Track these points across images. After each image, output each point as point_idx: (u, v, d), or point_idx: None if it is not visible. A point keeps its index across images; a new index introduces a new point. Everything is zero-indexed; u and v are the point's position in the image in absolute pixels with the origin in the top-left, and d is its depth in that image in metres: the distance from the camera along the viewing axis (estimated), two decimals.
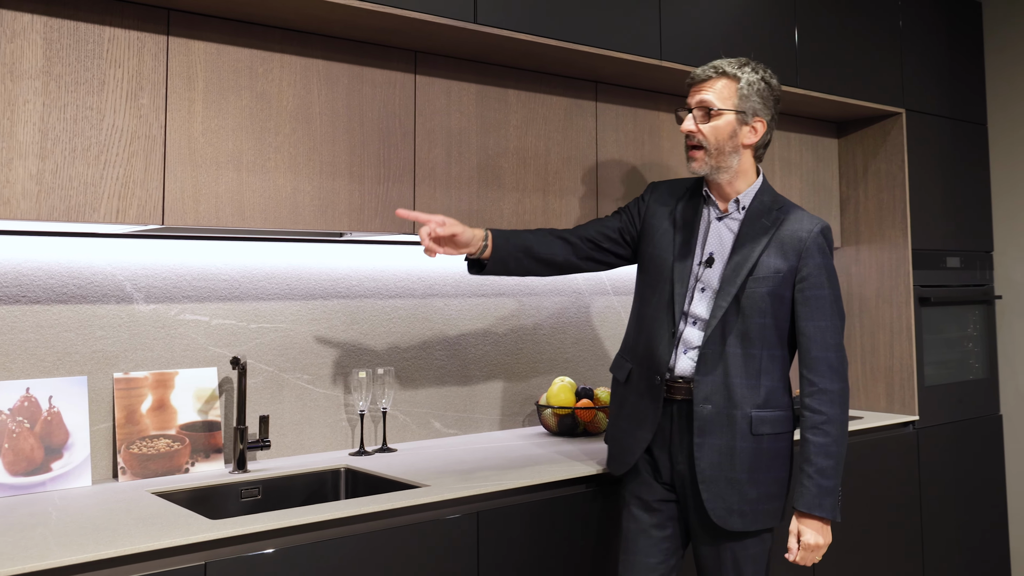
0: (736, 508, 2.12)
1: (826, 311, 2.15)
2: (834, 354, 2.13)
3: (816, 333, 2.14)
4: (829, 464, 2.09)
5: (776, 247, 2.18)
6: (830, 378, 2.12)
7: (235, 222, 2.21)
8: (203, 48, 2.19)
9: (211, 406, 2.47)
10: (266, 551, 1.86)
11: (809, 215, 2.23)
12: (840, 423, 2.11)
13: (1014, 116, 3.97)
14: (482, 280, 3.06)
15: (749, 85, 2.23)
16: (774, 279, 2.16)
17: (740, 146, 2.23)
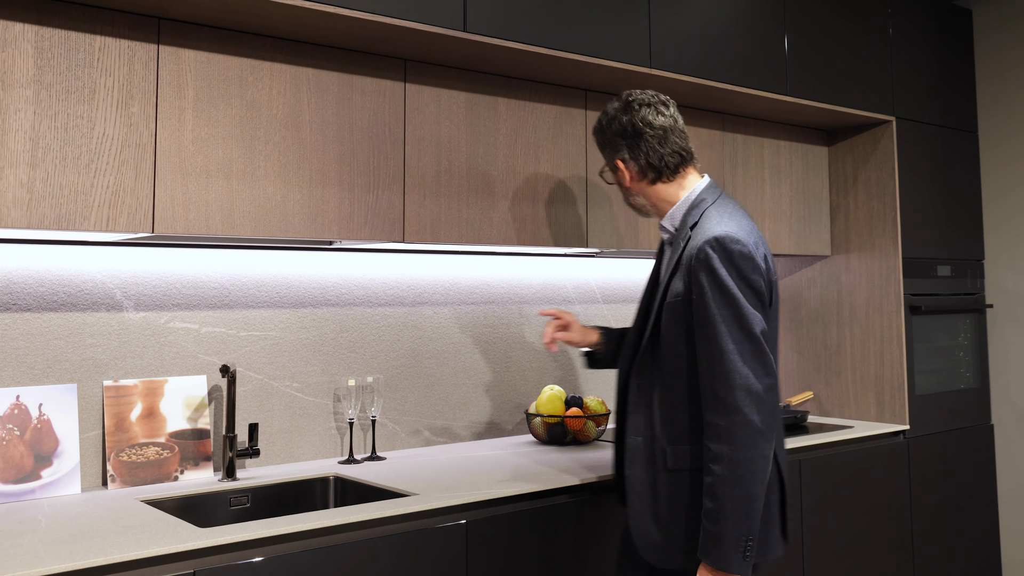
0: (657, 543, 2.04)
1: (712, 334, 1.94)
2: (720, 383, 1.92)
3: (703, 361, 1.97)
4: (711, 507, 1.90)
5: (680, 268, 2.06)
6: (715, 411, 1.92)
7: (225, 230, 2.21)
8: (193, 57, 2.20)
9: (200, 414, 2.47)
10: (255, 559, 1.86)
11: (715, 224, 2.04)
12: (728, 460, 1.88)
13: (1005, 124, 3.99)
14: (471, 289, 3.07)
15: (600, 141, 2.29)
16: (676, 304, 2.05)
17: (629, 188, 2.25)
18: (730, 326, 1.94)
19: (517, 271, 3.20)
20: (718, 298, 1.96)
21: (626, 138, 2.21)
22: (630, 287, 3.53)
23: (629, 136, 2.20)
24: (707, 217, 2.08)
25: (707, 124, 3.28)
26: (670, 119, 2.21)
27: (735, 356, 1.92)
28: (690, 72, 2.93)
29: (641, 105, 2.21)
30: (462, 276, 3.06)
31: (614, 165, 2.25)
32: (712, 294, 1.96)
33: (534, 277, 3.24)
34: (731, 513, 1.88)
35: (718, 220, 2.05)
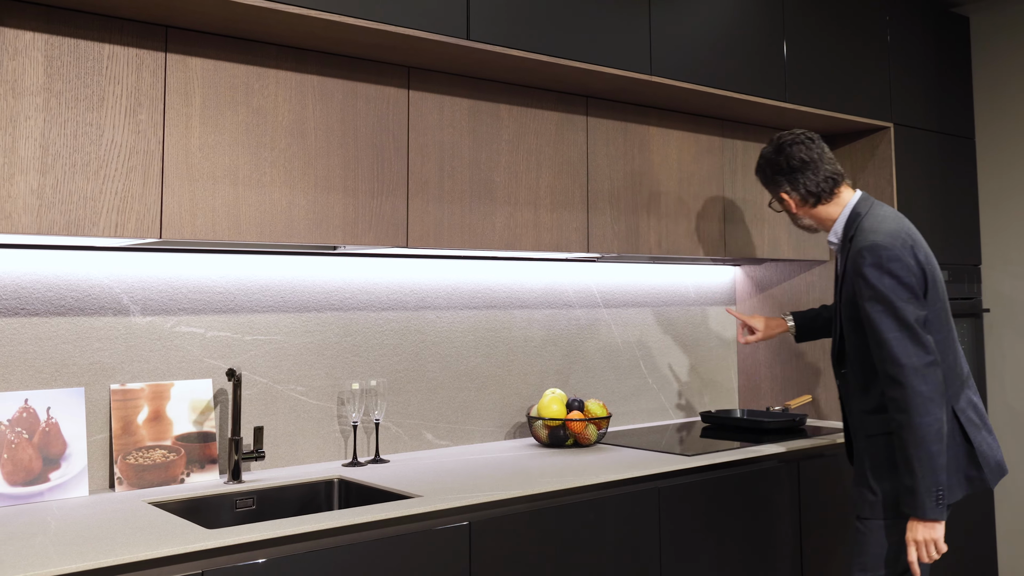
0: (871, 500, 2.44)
1: (874, 328, 2.34)
2: (889, 365, 2.32)
3: (873, 349, 2.37)
4: (904, 466, 2.31)
5: (847, 276, 2.49)
6: (890, 387, 2.32)
7: (231, 236, 2.24)
8: (200, 64, 2.23)
9: (206, 417, 2.50)
10: (261, 560, 1.89)
11: (864, 235, 2.43)
12: (908, 426, 2.28)
13: (1002, 130, 4.02)
14: (474, 293, 3.10)
15: (764, 180, 2.74)
16: (850, 306, 2.49)
17: (796, 213, 2.69)
18: (886, 320, 2.34)
19: (519, 275, 3.23)
20: (872, 299, 2.36)
21: (784, 174, 2.66)
22: (630, 291, 3.56)
23: (786, 173, 2.65)
24: (860, 230, 2.48)
25: (707, 130, 3.31)
26: (817, 151, 2.64)
27: (895, 343, 2.32)
28: (690, 79, 2.96)
29: (791, 144, 2.65)
30: (464, 280, 3.09)
31: (779, 197, 2.70)
32: (867, 296, 2.37)
33: (536, 281, 3.27)
34: (918, 469, 2.27)
35: (869, 231, 2.44)
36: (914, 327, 2.31)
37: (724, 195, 3.35)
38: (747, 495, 2.87)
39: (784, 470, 2.99)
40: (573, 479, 2.44)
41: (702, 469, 2.76)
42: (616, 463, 2.66)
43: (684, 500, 2.68)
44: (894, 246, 2.37)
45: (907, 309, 2.32)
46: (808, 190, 2.62)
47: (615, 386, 3.49)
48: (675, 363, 3.70)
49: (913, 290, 2.35)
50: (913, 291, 2.35)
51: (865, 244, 2.39)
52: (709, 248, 3.29)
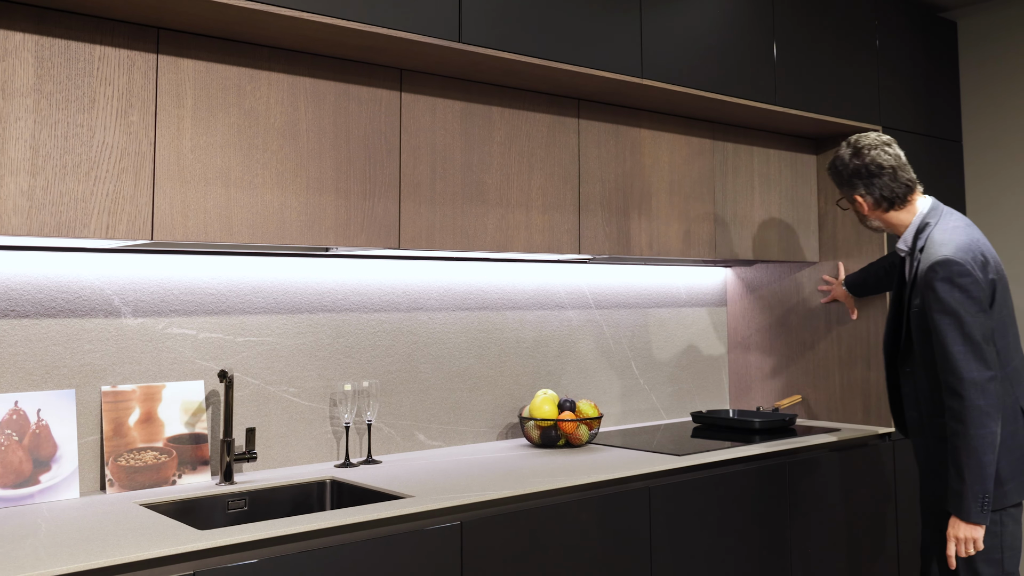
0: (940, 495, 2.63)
1: (941, 340, 2.46)
2: (951, 377, 2.44)
3: (939, 359, 2.49)
4: (954, 471, 2.45)
5: (916, 286, 2.62)
6: (950, 398, 2.46)
7: (223, 237, 2.24)
8: (192, 66, 2.23)
9: (198, 419, 2.50)
10: (253, 561, 1.89)
11: (935, 248, 2.53)
12: (963, 436, 2.41)
13: (988, 133, 4.05)
14: (466, 294, 3.11)
15: (838, 181, 2.79)
16: (918, 314, 2.62)
17: (867, 215, 2.77)
18: (954, 334, 2.45)
19: (511, 277, 3.23)
20: (942, 313, 2.47)
21: (861, 178, 2.72)
22: (621, 292, 3.57)
23: (863, 176, 2.71)
24: (931, 242, 2.58)
25: (698, 133, 3.33)
26: (895, 157, 2.71)
27: (960, 357, 2.43)
28: (681, 82, 2.97)
29: (870, 149, 2.71)
30: (456, 282, 3.09)
31: (852, 199, 2.76)
32: (936, 308, 2.48)
33: (528, 283, 3.28)
34: (968, 477, 2.42)
35: (940, 244, 2.53)
36: (979, 342, 2.43)
37: (715, 197, 3.37)
38: (737, 495, 2.88)
39: (774, 470, 3.00)
40: (564, 479, 2.45)
41: (692, 469, 2.78)
42: (607, 463, 2.67)
43: (675, 500, 2.69)
44: (965, 260, 2.46)
45: (974, 324, 2.43)
46: (883, 195, 2.69)
47: (607, 387, 3.50)
48: (666, 364, 3.71)
49: (981, 304, 2.45)
50: (981, 305, 2.45)
51: (937, 258, 2.48)
52: (700, 250, 3.30)
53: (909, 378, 2.72)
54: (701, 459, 2.79)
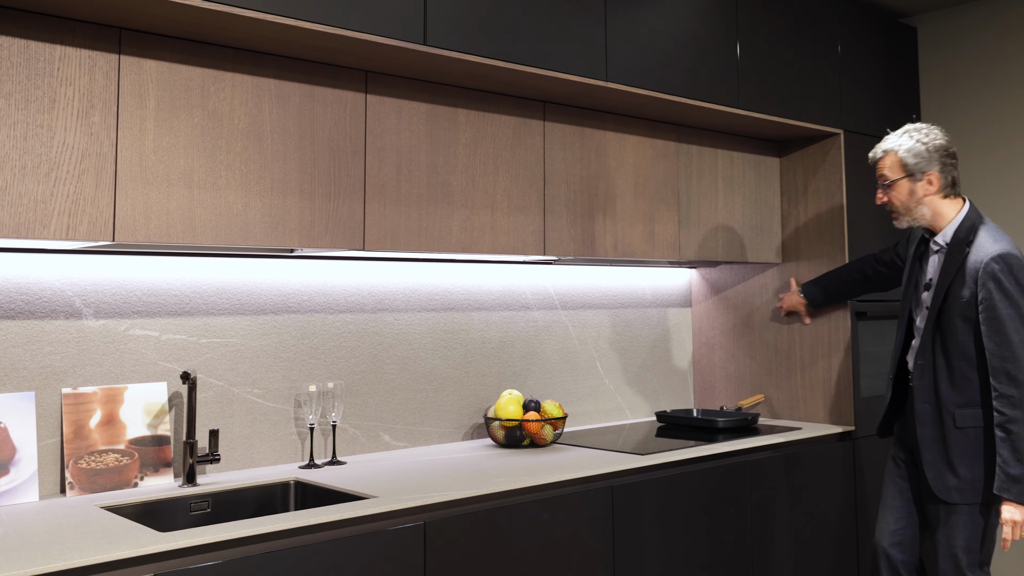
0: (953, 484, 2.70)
1: (1002, 328, 2.61)
2: (1011, 364, 2.59)
3: (993, 347, 2.62)
4: (1012, 456, 2.57)
5: (962, 276, 2.71)
6: (1008, 384, 2.59)
7: (186, 239, 2.24)
8: (155, 67, 2.22)
9: (160, 420, 2.49)
10: (215, 563, 1.89)
11: (989, 243, 2.68)
12: (1021, 422, 2.56)
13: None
14: (431, 295, 3.11)
15: (908, 151, 2.81)
16: (962, 304, 2.70)
17: (923, 198, 2.81)
18: (1016, 323, 2.61)
19: (477, 278, 3.25)
20: (1005, 302, 2.62)
21: (941, 157, 2.80)
22: (587, 293, 3.59)
23: (943, 155, 2.80)
24: (982, 238, 2.71)
25: (662, 135, 3.36)
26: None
27: (1020, 344, 2.59)
28: (645, 85, 3.00)
29: (942, 133, 2.83)
30: (422, 283, 3.10)
31: (927, 177, 2.79)
32: (999, 298, 2.62)
33: (493, 284, 3.29)
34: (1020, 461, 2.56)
35: (994, 239, 2.69)
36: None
37: (679, 199, 3.40)
38: (700, 493, 2.91)
39: (736, 468, 3.04)
40: (528, 479, 2.47)
41: (655, 468, 2.80)
42: (571, 463, 2.69)
43: (637, 499, 2.72)
44: (1021, 256, 2.67)
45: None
46: (952, 178, 2.81)
47: (572, 387, 3.52)
48: (632, 364, 3.74)
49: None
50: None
51: (996, 252, 2.65)
52: (664, 251, 3.33)
53: (923, 370, 2.79)
54: (664, 458, 2.82)
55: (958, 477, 2.70)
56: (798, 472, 3.27)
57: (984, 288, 2.64)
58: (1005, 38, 3.96)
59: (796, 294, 3.59)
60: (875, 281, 3.39)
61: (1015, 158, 3.91)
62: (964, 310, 2.70)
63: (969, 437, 2.70)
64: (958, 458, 2.70)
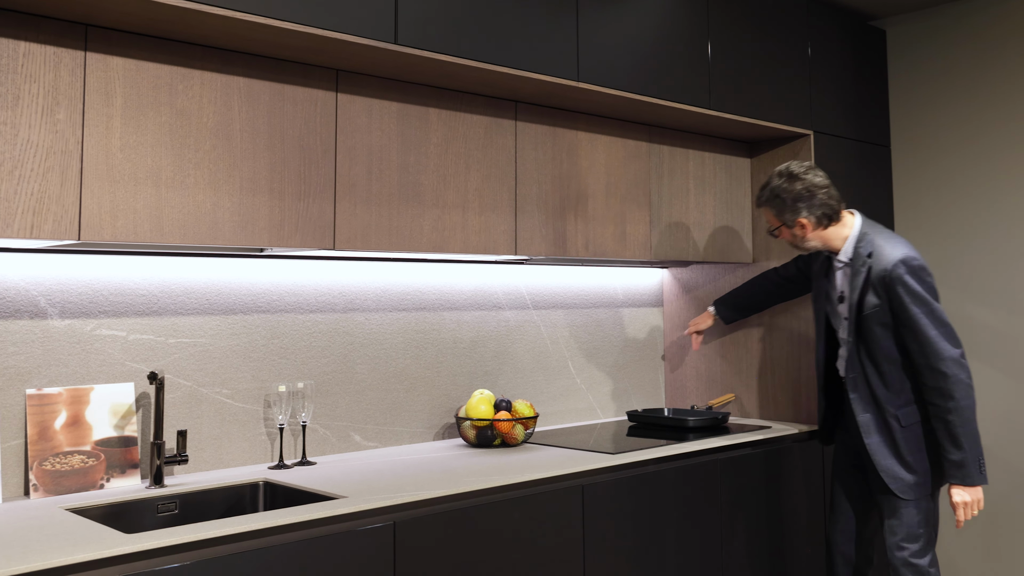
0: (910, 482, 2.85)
1: (918, 328, 2.76)
2: (933, 359, 2.74)
3: (914, 347, 2.79)
4: (952, 444, 2.74)
5: (871, 287, 2.85)
6: (935, 379, 2.75)
7: (154, 238, 2.22)
8: (122, 64, 2.20)
9: (127, 421, 2.47)
10: (183, 564, 1.87)
11: (888, 250, 2.82)
12: (956, 410, 2.72)
13: (915, 138, 4.16)
14: (403, 295, 3.11)
15: (773, 207, 3.00)
16: (876, 312, 2.84)
17: (805, 237, 2.97)
18: (927, 320, 2.76)
19: (448, 278, 3.24)
20: (914, 302, 2.77)
21: (803, 200, 2.94)
22: (559, 293, 3.60)
23: (805, 198, 2.93)
24: (880, 246, 2.86)
25: (634, 136, 3.37)
26: (824, 177, 2.97)
27: (938, 339, 2.75)
28: (617, 86, 3.01)
29: (803, 173, 2.96)
30: (393, 283, 3.09)
31: (797, 224, 2.96)
32: (909, 301, 2.77)
33: (465, 284, 3.29)
34: (966, 444, 2.72)
35: (892, 246, 2.84)
36: (948, 324, 2.77)
37: (651, 199, 3.41)
38: (671, 492, 2.92)
39: (707, 467, 3.06)
40: (498, 478, 2.47)
41: (626, 467, 2.81)
42: (541, 462, 2.69)
43: (608, 498, 2.72)
44: (920, 258, 2.82)
45: (940, 309, 2.79)
46: (823, 212, 2.93)
47: (544, 387, 3.52)
48: (603, 364, 3.75)
49: (937, 294, 2.81)
50: (937, 295, 2.81)
51: (897, 258, 2.80)
52: (636, 251, 3.34)
53: (856, 382, 2.92)
54: (634, 457, 2.83)
55: (914, 473, 2.85)
56: (768, 470, 3.29)
57: (893, 294, 2.80)
58: (972, 40, 4.01)
59: (708, 314, 3.62)
60: (782, 293, 3.50)
61: (982, 159, 3.96)
62: (880, 317, 2.84)
63: (915, 433, 2.86)
64: (911, 455, 2.85)
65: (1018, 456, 3.79)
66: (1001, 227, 3.89)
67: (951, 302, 4.01)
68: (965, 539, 3.94)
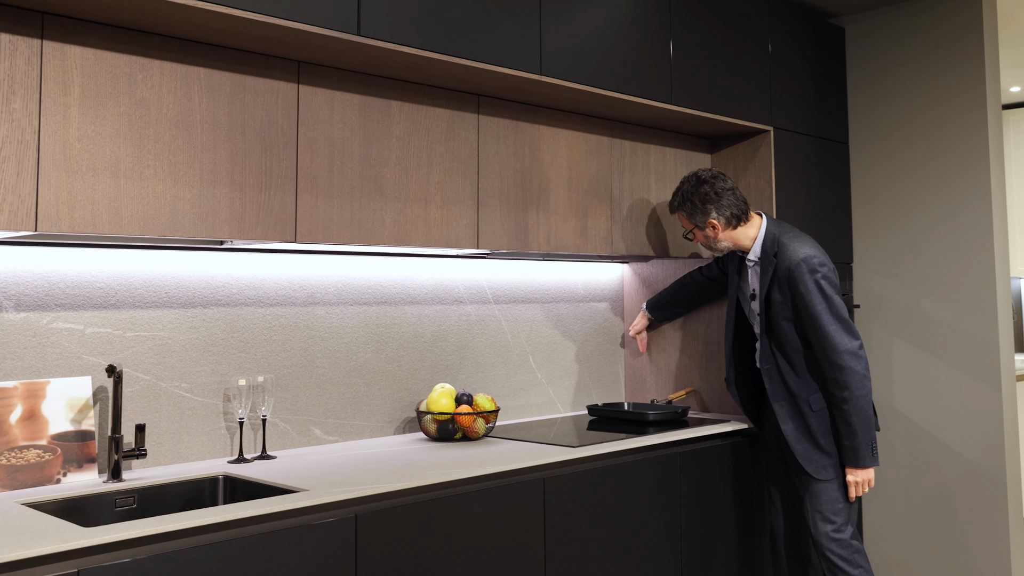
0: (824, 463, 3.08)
1: (816, 323, 2.98)
2: (830, 352, 2.96)
3: (814, 340, 3.01)
4: (847, 430, 3.00)
5: (778, 284, 3.07)
6: (832, 369, 2.97)
7: (112, 229, 2.19)
8: (79, 53, 2.16)
9: (84, 415, 2.44)
10: (141, 557, 1.86)
11: (794, 248, 3.04)
12: (851, 399, 2.95)
13: (872, 134, 4.23)
14: (364, 289, 3.10)
15: (684, 210, 3.22)
16: (781, 308, 3.07)
17: (717, 237, 3.18)
18: (826, 315, 2.97)
19: (409, 271, 3.24)
20: (814, 298, 2.98)
21: (711, 201, 3.15)
22: (520, 288, 3.61)
23: (713, 199, 3.15)
24: (786, 246, 3.06)
25: (596, 131, 3.39)
26: (730, 183, 3.20)
27: (835, 333, 2.97)
28: (580, 80, 3.02)
29: (712, 177, 3.18)
30: (354, 276, 3.08)
31: (708, 224, 3.16)
32: (809, 297, 2.99)
33: (426, 277, 3.29)
34: (859, 431, 2.98)
35: (798, 245, 3.05)
36: (846, 318, 2.98)
37: (612, 194, 3.43)
38: (630, 485, 2.95)
39: (666, 460, 3.09)
40: (460, 471, 2.47)
41: (586, 460, 2.83)
42: (502, 455, 2.70)
43: (569, 491, 2.74)
44: (822, 255, 3.04)
45: (840, 305, 2.99)
46: (732, 213, 3.14)
47: (505, 381, 3.53)
48: (564, 358, 3.77)
49: (839, 290, 3.03)
50: (839, 291, 3.03)
51: (800, 256, 3.01)
52: (597, 245, 3.36)
53: (770, 373, 3.15)
54: (595, 450, 2.85)
55: (827, 454, 3.08)
56: (726, 463, 3.33)
57: (795, 289, 3.02)
58: (925, 36, 4.08)
59: (642, 315, 3.79)
60: (706, 292, 3.63)
61: (935, 154, 4.03)
62: (785, 312, 3.07)
63: (825, 417, 3.08)
64: (823, 438, 3.07)
65: (967, 447, 3.87)
66: (954, 221, 3.97)
67: (906, 296, 4.09)
68: (916, 528, 4.02)
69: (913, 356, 4.06)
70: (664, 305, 3.73)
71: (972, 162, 3.93)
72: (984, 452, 3.83)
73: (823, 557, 3.11)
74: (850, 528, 3.11)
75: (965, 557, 3.87)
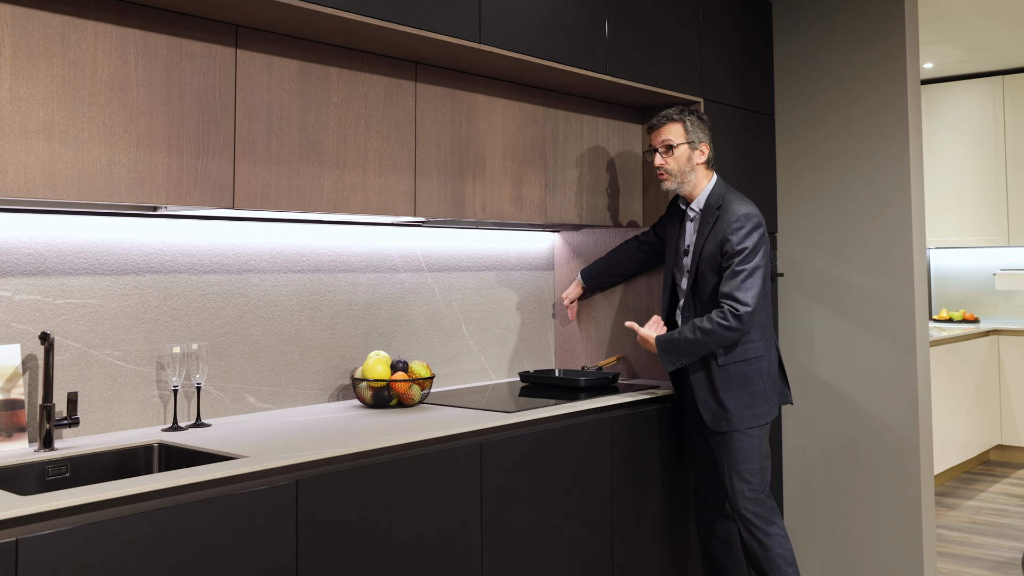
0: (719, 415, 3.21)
1: (736, 272, 3.10)
2: (731, 300, 3.08)
3: (734, 287, 3.10)
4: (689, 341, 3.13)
5: (714, 237, 3.19)
6: (724, 315, 3.07)
7: (47, 194, 2.14)
8: (10, 12, 2.10)
9: (14, 384, 2.39)
10: (80, 525, 1.84)
11: (736, 205, 3.21)
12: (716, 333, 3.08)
13: (796, 107, 4.34)
14: (298, 257, 3.08)
15: (691, 122, 3.30)
16: (710, 259, 3.19)
17: (696, 165, 3.30)
18: (746, 267, 3.10)
19: (344, 239, 3.23)
20: (742, 249, 3.11)
21: (711, 133, 3.38)
22: (453, 256, 3.63)
23: (712, 132, 3.38)
24: (730, 202, 3.23)
25: (531, 100, 3.41)
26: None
27: (744, 287, 3.08)
28: (517, 49, 3.04)
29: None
30: (289, 244, 3.06)
31: (699, 146, 3.30)
32: (739, 248, 3.11)
33: (361, 245, 3.28)
34: (694, 346, 3.14)
35: (739, 203, 3.22)
36: (759, 285, 3.11)
37: (546, 163, 3.47)
38: (564, 449, 3.02)
39: (597, 424, 3.16)
40: (398, 437, 2.50)
41: (521, 425, 2.89)
42: (439, 421, 2.74)
43: (504, 455, 2.80)
44: (759, 215, 3.20)
45: (761, 266, 3.13)
46: (714, 153, 3.38)
47: (438, 348, 3.56)
48: (495, 326, 3.81)
49: (766, 252, 3.17)
50: (766, 252, 3.17)
51: (742, 212, 3.17)
52: (531, 214, 3.40)
53: (686, 322, 3.27)
54: (529, 416, 2.91)
55: (725, 408, 3.18)
56: (656, 427, 3.42)
57: (727, 242, 3.14)
58: (850, 10, 4.19)
59: (576, 284, 3.86)
60: (643, 260, 3.72)
61: (853, 124, 4.16)
62: (712, 264, 3.19)
63: (730, 373, 3.19)
64: (723, 392, 3.19)
65: (884, 410, 4.04)
66: (873, 192, 4.11)
67: (828, 265, 4.23)
68: (832, 487, 4.19)
69: (833, 323, 4.21)
70: (597, 273, 3.80)
71: (892, 135, 4.07)
72: (899, 414, 4.01)
73: (739, 516, 3.21)
74: (765, 487, 3.22)
75: (880, 512, 4.05)
